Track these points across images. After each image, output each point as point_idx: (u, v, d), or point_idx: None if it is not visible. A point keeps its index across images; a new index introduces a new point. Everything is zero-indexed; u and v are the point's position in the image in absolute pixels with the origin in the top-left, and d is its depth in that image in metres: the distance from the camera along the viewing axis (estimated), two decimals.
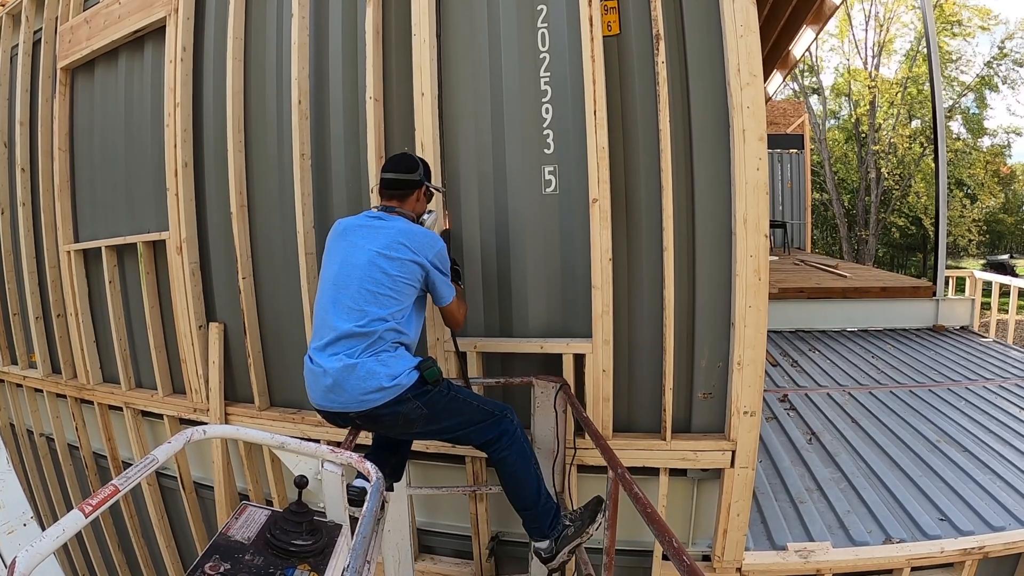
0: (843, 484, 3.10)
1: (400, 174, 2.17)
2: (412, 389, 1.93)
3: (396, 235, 2.02)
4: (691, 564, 1.27)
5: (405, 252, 1.99)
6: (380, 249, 1.99)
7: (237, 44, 2.96)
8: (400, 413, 1.93)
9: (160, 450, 1.24)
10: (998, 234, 24.79)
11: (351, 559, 1.15)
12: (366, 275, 1.96)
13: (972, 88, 20.42)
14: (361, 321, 1.92)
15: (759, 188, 2.27)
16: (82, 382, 3.91)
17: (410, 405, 1.93)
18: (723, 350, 2.46)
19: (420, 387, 1.95)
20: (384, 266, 1.97)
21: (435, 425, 2.02)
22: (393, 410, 1.92)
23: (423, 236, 2.07)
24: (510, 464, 2.07)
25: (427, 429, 2.04)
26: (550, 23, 2.50)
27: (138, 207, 3.46)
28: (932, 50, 6.23)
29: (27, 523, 2.00)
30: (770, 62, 10.16)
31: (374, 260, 1.97)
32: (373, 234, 2.04)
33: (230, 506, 3.30)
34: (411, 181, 2.18)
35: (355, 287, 1.96)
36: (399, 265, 1.98)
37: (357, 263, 1.99)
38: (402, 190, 2.17)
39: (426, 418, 1.97)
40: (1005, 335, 6.59)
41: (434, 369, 1.98)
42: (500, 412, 2.10)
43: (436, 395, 1.98)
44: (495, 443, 2.07)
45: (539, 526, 2.10)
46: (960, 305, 6.13)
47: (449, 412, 2.02)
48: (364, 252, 2.00)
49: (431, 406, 1.97)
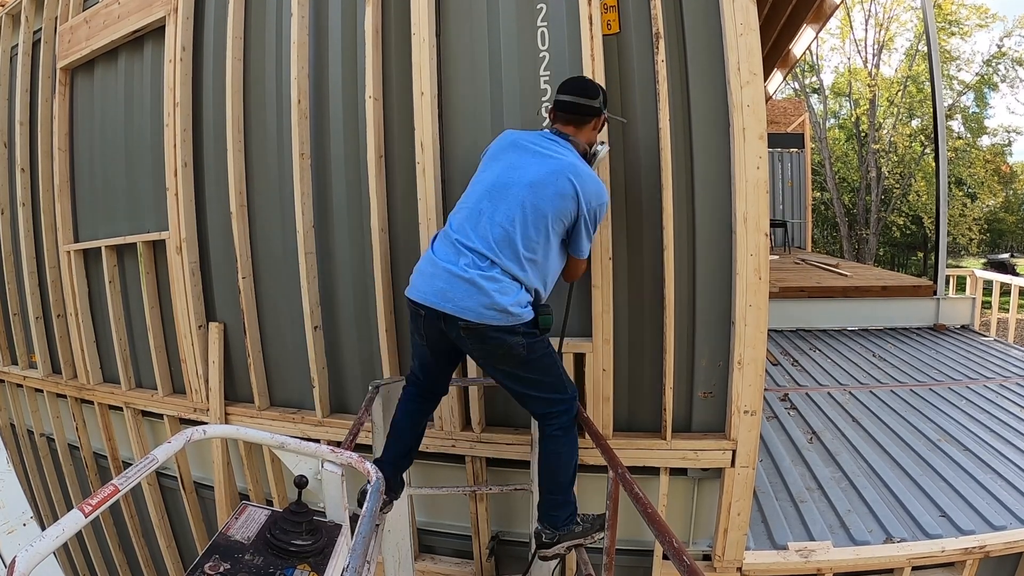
0: (844, 483, 3.10)
1: (580, 98, 2.03)
2: (525, 325, 1.90)
3: (565, 168, 1.92)
4: (691, 564, 1.26)
5: (569, 189, 1.90)
6: (543, 177, 1.90)
7: (236, 44, 2.96)
8: (506, 342, 1.90)
9: (160, 450, 1.23)
10: (999, 233, 24.77)
11: (351, 559, 1.14)
12: (523, 199, 1.89)
13: (972, 87, 20.41)
14: (503, 246, 1.87)
15: (759, 187, 2.27)
16: (82, 382, 3.91)
17: (516, 339, 1.90)
18: (723, 349, 2.46)
19: (532, 328, 1.92)
20: (541, 197, 1.89)
21: (524, 371, 1.99)
22: (501, 337, 1.88)
23: (593, 181, 1.96)
24: (559, 444, 2.04)
25: (515, 372, 2.00)
26: (550, 22, 2.50)
27: (138, 207, 3.46)
28: (932, 49, 6.22)
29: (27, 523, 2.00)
30: (770, 61, 10.14)
31: (535, 186, 1.90)
32: (541, 160, 1.95)
33: (230, 506, 3.30)
34: (591, 108, 2.04)
35: (507, 208, 1.90)
36: (558, 200, 1.89)
37: (519, 181, 1.92)
38: (580, 115, 2.04)
39: (522, 361, 1.94)
40: (1006, 334, 6.59)
41: (549, 316, 1.95)
42: (572, 394, 2.07)
43: (539, 343, 1.96)
44: (555, 417, 2.03)
45: (556, 515, 2.07)
46: (961, 304, 6.13)
47: (540, 365, 1.99)
48: (528, 173, 1.92)
49: (531, 350, 1.94)
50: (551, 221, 1.91)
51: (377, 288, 2.72)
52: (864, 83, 20.50)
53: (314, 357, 2.91)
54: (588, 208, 1.94)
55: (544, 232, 1.91)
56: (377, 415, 2.40)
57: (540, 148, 1.99)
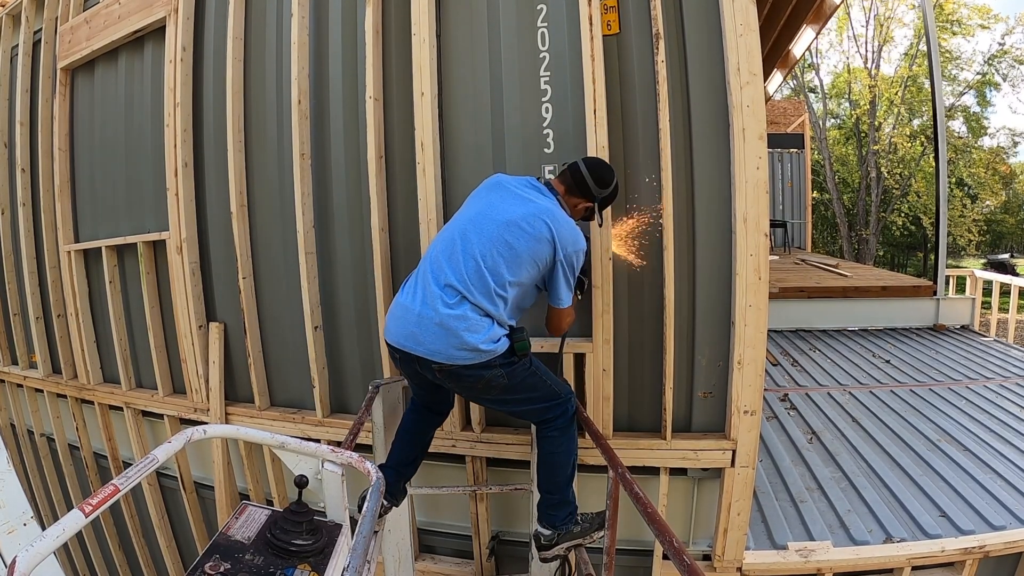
0: (844, 483, 3.10)
1: (591, 175, 2.06)
2: (501, 357, 1.91)
3: (541, 212, 1.94)
4: (691, 564, 1.27)
5: (544, 231, 1.91)
6: (519, 218, 1.92)
7: (237, 44, 2.96)
8: (483, 377, 1.92)
9: (160, 450, 1.23)
10: (998, 234, 24.78)
11: (351, 559, 1.14)
12: (497, 236, 1.91)
13: (973, 87, 20.40)
14: (474, 280, 1.88)
15: (759, 187, 2.27)
16: (82, 382, 3.91)
17: (494, 372, 1.91)
18: (723, 349, 2.46)
19: (508, 357, 1.93)
20: (516, 236, 1.90)
21: (509, 395, 2.00)
22: (477, 373, 1.90)
23: (569, 228, 1.97)
24: (556, 444, 2.05)
25: (500, 398, 2.02)
26: (550, 22, 2.50)
27: (138, 207, 3.46)
28: (932, 49, 6.22)
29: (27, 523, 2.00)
30: (770, 61, 10.15)
31: (510, 226, 1.91)
32: (521, 203, 1.96)
33: (230, 506, 3.30)
34: (588, 191, 2.07)
35: (480, 245, 1.91)
36: (532, 242, 1.90)
37: (493, 219, 1.93)
38: (578, 188, 2.07)
39: (504, 388, 1.96)
40: (1005, 334, 6.59)
41: (525, 342, 1.95)
42: (566, 395, 2.08)
43: (520, 368, 1.96)
44: (552, 421, 2.05)
45: (554, 515, 2.09)
46: (961, 304, 6.13)
47: (526, 387, 2.00)
48: (505, 213, 1.93)
49: (513, 377, 1.95)
50: (525, 262, 1.92)
51: (377, 288, 2.72)
52: (864, 83, 20.49)
53: (314, 357, 2.91)
54: (564, 253, 1.94)
55: (517, 272, 1.92)
56: (377, 415, 2.40)
57: (521, 192, 2.01)
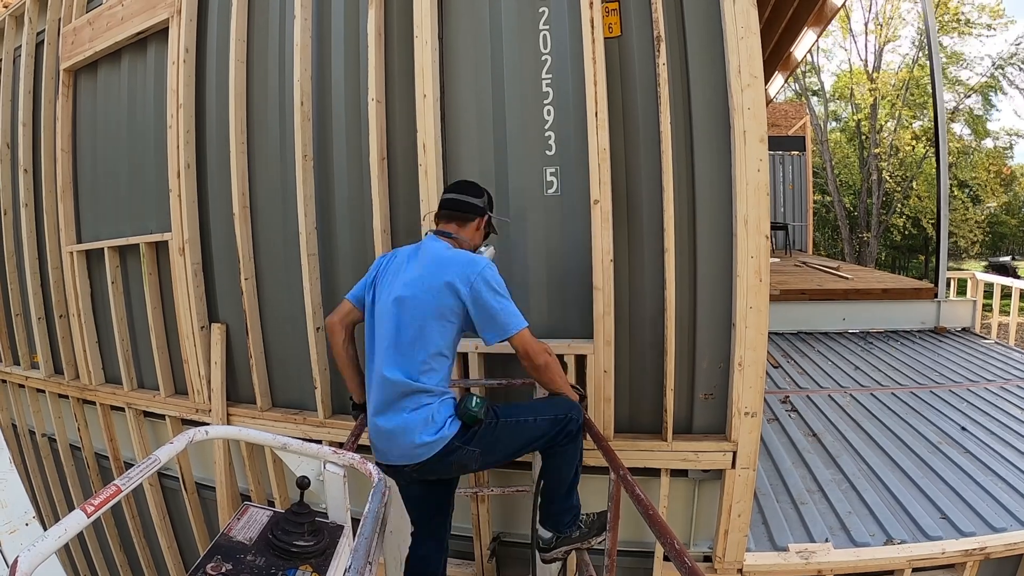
0: (844, 485, 3.10)
1: (461, 195, 2.01)
2: (457, 437, 1.84)
3: (429, 264, 1.87)
4: (692, 565, 1.27)
5: (436, 281, 1.83)
6: (415, 281, 1.86)
7: (240, 46, 2.97)
8: (452, 462, 1.87)
9: (162, 450, 1.24)
10: (1000, 236, 24.74)
11: (353, 560, 1.15)
12: (406, 315, 1.84)
13: (977, 90, 20.36)
14: (401, 371, 1.82)
15: (760, 189, 2.27)
16: (84, 382, 3.91)
17: (460, 452, 1.85)
18: (724, 351, 2.46)
19: (464, 433, 1.85)
20: (422, 300, 1.83)
21: (492, 457, 1.94)
22: (445, 460, 1.85)
23: (458, 260, 1.87)
24: (561, 456, 1.99)
25: (487, 462, 1.96)
26: (552, 25, 2.51)
27: (140, 208, 3.47)
28: (933, 50, 6.23)
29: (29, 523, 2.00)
30: (771, 64, 10.16)
31: (414, 295, 1.85)
32: (408, 268, 1.91)
33: (232, 506, 3.30)
34: (474, 206, 2.01)
35: (394, 330, 1.85)
36: (435, 295, 1.82)
37: (390, 298, 1.89)
38: (463, 214, 2.00)
39: (480, 456, 1.90)
40: (1006, 337, 6.58)
41: (471, 412, 1.84)
42: (563, 413, 1.96)
43: (484, 432, 1.87)
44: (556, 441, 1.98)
45: (556, 521, 2.07)
46: (962, 307, 6.12)
47: (503, 443, 1.92)
48: (403, 287, 1.87)
49: (482, 444, 1.87)
50: (433, 320, 1.83)
51: None
52: (865, 86, 20.47)
53: (316, 358, 2.91)
54: (468, 286, 1.82)
55: (431, 333, 1.84)
56: None
57: (416, 256, 1.95)
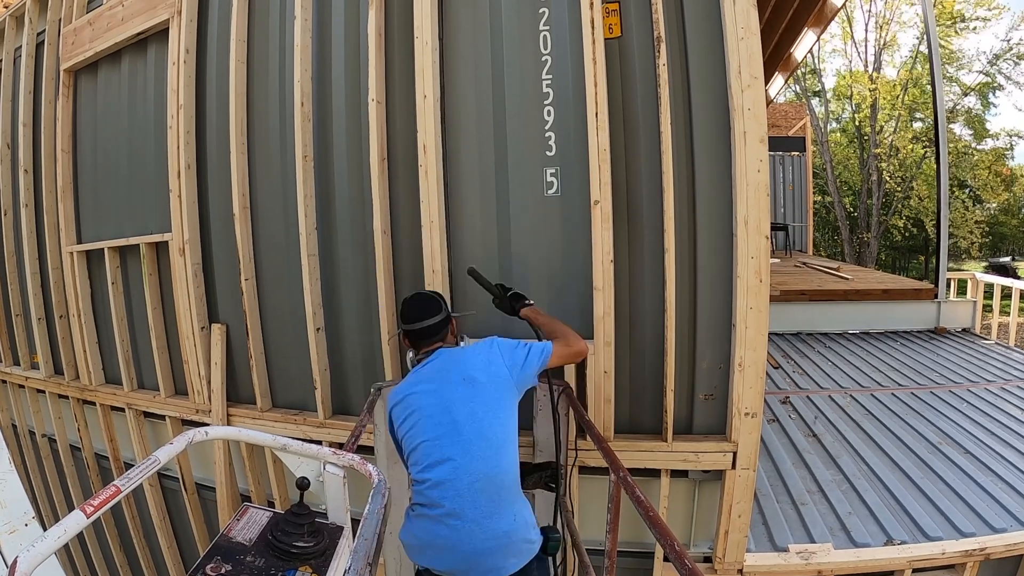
0: (844, 486, 3.10)
1: (428, 320, 2.11)
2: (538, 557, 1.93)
3: (467, 358, 2.00)
4: (692, 566, 1.27)
5: (482, 363, 1.97)
6: (470, 379, 1.94)
7: (240, 46, 2.97)
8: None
9: (162, 451, 1.24)
10: (1000, 236, 24.72)
11: (353, 561, 1.14)
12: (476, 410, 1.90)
13: (975, 88, 20.36)
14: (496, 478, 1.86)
15: (760, 190, 2.27)
16: (84, 383, 3.91)
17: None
18: (724, 352, 2.46)
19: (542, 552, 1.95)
20: (483, 394, 1.92)
21: None
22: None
23: (475, 346, 2.06)
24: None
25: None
26: (552, 26, 2.51)
27: (141, 208, 3.47)
28: (933, 50, 6.23)
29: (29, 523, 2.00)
30: (772, 64, 10.16)
31: (471, 399, 1.91)
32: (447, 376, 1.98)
33: (232, 507, 3.30)
34: (444, 322, 2.14)
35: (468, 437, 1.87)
36: (492, 375, 1.96)
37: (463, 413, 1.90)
38: (442, 331, 2.14)
39: None
40: (1007, 337, 6.58)
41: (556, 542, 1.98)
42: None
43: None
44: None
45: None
46: (962, 307, 6.12)
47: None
48: (459, 395, 1.92)
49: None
50: (504, 394, 1.95)
51: (379, 290, 2.72)
52: (865, 86, 20.48)
53: (316, 359, 2.91)
54: (497, 349, 2.01)
55: (506, 410, 1.94)
56: (379, 417, 2.40)
57: (445, 378, 1.98)
